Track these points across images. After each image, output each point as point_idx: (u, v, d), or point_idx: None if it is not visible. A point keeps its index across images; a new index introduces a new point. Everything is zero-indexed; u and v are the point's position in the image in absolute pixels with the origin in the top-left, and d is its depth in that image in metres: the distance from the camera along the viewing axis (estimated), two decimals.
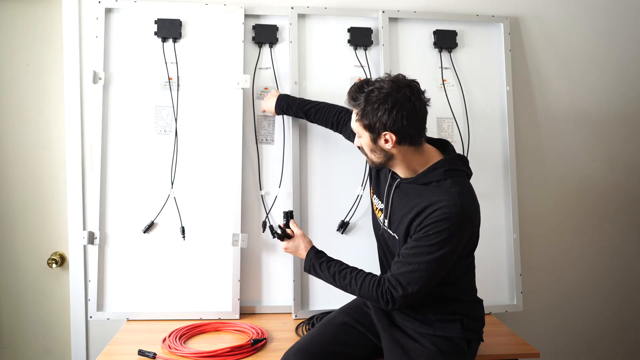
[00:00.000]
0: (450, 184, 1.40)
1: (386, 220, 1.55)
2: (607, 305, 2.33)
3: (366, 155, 1.50)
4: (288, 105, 1.90)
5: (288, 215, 1.70)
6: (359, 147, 1.52)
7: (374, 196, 1.64)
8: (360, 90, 1.42)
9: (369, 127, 1.41)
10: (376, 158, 1.47)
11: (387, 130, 1.38)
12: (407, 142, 1.41)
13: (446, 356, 1.45)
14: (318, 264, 1.55)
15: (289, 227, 1.67)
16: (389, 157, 1.45)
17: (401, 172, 1.50)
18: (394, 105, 1.36)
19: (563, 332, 2.30)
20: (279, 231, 1.67)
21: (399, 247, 1.47)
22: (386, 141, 1.41)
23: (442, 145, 1.53)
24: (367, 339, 1.58)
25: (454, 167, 1.45)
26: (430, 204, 1.37)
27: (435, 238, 1.35)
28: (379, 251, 1.69)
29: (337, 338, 1.56)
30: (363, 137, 1.46)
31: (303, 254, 1.61)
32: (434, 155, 1.48)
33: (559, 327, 2.30)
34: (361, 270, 1.50)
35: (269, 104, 1.94)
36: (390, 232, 1.53)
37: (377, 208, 1.61)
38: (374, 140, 1.43)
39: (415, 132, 1.41)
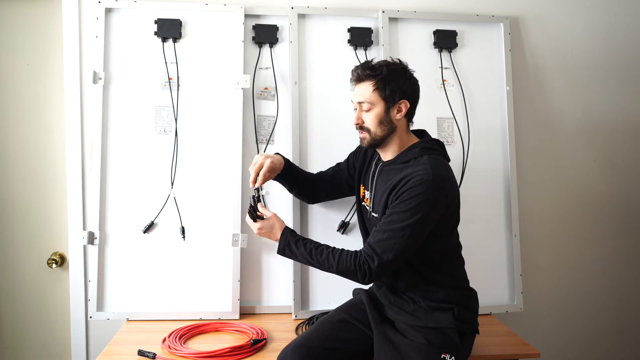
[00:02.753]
0: (425, 159, 1.48)
1: (371, 205, 1.59)
2: (607, 304, 2.32)
3: (368, 131, 1.55)
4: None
5: (255, 199, 1.62)
6: (358, 125, 1.56)
7: (364, 190, 1.68)
8: (374, 64, 1.53)
9: (388, 96, 1.50)
10: (380, 131, 1.53)
11: (405, 98, 1.51)
12: (410, 114, 1.56)
13: (437, 349, 1.45)
14: (294, 241, 1.55)
15: (258, 210, 1.63)
16: (392, 130, 1.53)
17: (390, 151, 1.57)
18: (410, 76, 1.54)
19: (563, 332, 2.30)
20: (251, 210, 1.61)
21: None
22: (399, 110, 1.52)
23: (421, 133, 1.64)
24: (365, 335, 1.58)
25: (430, 146, 1.54)
26: (405, 175, 1.45)
27: (409, 204, 1.41)
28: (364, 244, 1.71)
29: (335, 335, 1.56)
30: (375, 108, 1.52)
31: (278, 233, 1.58)
32: (414, 138, 1.60)
33: (559, 327, 2.29)
34: (336, 247, 1.53)
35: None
36: (374, 215, 1.56)
37: (367, 199, 1.64)
38: (387, 109, 1.52)
39: (416, 106, 1.57)
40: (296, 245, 1.54)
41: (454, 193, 1.50)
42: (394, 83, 1.50)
